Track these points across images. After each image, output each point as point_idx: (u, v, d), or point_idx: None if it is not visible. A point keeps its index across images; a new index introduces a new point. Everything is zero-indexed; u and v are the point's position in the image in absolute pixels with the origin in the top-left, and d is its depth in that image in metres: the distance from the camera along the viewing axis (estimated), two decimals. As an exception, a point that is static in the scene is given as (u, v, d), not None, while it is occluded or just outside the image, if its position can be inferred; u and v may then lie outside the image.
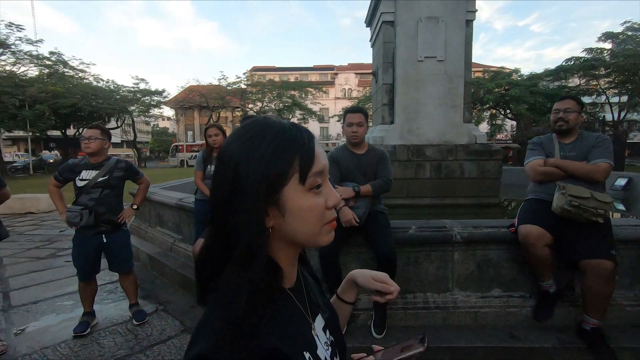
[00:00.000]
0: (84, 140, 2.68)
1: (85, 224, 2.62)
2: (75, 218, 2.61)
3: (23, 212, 8.20)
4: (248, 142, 0.52)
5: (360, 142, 2.56)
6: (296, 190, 0.51)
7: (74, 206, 2.66)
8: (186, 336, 2.69)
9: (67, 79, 24.34)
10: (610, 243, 2.13)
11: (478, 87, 20.97)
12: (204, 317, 0.51)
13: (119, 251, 2.84)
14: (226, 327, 0.46)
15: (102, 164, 2.74)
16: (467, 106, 5.48)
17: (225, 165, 0.52)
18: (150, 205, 4.80)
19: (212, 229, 0.54)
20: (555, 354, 2.19)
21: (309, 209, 0.52)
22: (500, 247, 2.50)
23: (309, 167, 0.52)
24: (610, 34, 18.73)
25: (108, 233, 2.76)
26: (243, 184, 0.49)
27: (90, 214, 2.63)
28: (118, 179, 2.79)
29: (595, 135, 2.40)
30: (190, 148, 32.43)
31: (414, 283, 2.55)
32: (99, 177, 2.69)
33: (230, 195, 0.50)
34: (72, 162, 2.77)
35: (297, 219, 0.52)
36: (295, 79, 40.07)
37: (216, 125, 3.41)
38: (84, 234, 2.70)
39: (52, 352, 2.48)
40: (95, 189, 2.68)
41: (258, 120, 0.55)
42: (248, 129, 0.53)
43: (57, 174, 2.74)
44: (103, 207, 2.70)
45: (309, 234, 0.54)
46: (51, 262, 4.57)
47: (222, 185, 0.51)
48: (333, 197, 0.56)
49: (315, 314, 0.62)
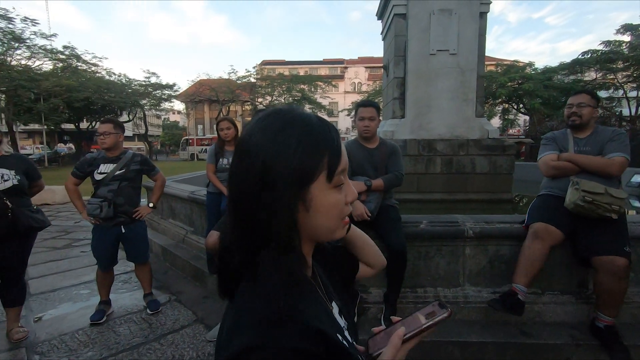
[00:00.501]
0: (99, 136, 2.74)
1: (105, 216, 2.69)
2: (95, 210, 2.68)
3: (39, 203, 8.41)
4: (277, 135, 0.51)
5: (372, 136, 2.56)
6: (323, 187, 0.52)
7: (94, 199, 2.72)
8: (198, 326, 2.75)
9: (80, 72, 24.73)
10: (624, 240, 2.09)
11: (491, 81, 20.63)
12: (241, 309, 0.51)
13: (137, 242, 2.93)
14: (273, 315, 0.47)
15: (119, 157, 2.81)
16: (480, 100, 5.41)
17: (251, 158, 0.51)
18: (162, 198, 4.87)
19: (237, 221, 0.54)
20: (567, 350, 2.17)
21: (334, 204, 0.54)
22: (513, 243, 2.48)
23: (336, 165, 0.53)
24: (629, 26, 18.18)
25: (126, 224, 2.83)
26: (275, 179, 0.49)
27: (110, 206, 2.70)
28: (135, 172, 2.86)
29: (611, 129, 2.35)
30: (200, 142, 32.70)
31: (424, 277, 2.55)
32: (116, 170, 2.76)
33: (261, 189, 0.50)
34: (90, 157, 2.83)
35: (321, 215, 0.53)
36: (304, 72, 39.96)
37: (228, 118, 3.43)
38: (103, 226, 2.77)
39: (70, 338, 2.56)
40: (114, 181, 2.75)
41: (283, 111, 0.54)
42: (273, 120, 0.53)
43: (76, 170, 2.78)
44: (122, 198, 2.77)
45: (329, 229, 0.55)
46: (67, 252, 4.69)
47: (248, 179, 0.51)
48: (351, 192, 0.57)
49: (330, 300, 0.64)
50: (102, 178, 2.73)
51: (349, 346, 0.55)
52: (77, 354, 2.37)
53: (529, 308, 2.42)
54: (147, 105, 30.36)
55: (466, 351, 2.21)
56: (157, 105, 30.89)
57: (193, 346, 2.46)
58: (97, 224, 2.77)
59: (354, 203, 2.34)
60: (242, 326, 0.48)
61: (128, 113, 30.18)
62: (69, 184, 2.81)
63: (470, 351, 2.21)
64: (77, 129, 28.17)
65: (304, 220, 0.53)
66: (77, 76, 23.83)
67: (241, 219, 0.53)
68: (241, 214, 0.52)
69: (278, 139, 0.50)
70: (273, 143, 0.50)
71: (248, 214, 0.52)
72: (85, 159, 2.84)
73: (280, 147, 0.50)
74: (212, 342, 2.50)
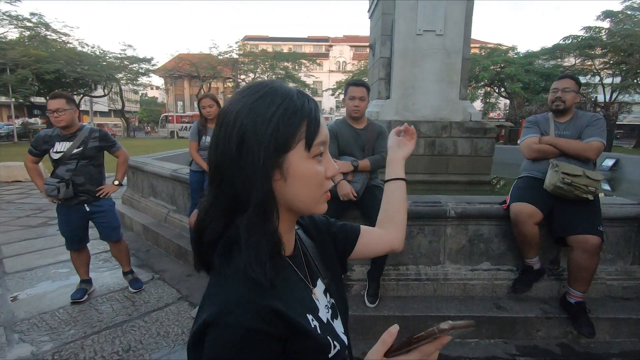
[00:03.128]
0: (52, 114, 2.50)
1: (64, 197, 2.57)
2: (52, 191, 2.55)
3: (10, 180, 8.06)
4: (256, 103, 0.52)
5: (361, 117, 2.55)
6: (301, 156, 0.53)
7: (51, 179, 2.59)
8: (183, 303, 2.75)
9: (49, 42, 23.30)
10: (598, 220, 2.20)
11: (474, 63, 20.73)
12: (210, 285, 0.52)
13: (105, 219, 2.80)
14: (234, 293, 0.48)
15: (74, 134, 2.62)
16: (464, 83, 5.45)
17: (229, 126, 0.51)
18: (143, 176, 4.76)
19: (213, 190, 0.54)
20: (538, 323, 2.31)
21: (312, 175, 0.54)
22: (492, 223, 2.57)
23: (314, 135, 0.53)
24: (609, 13, 18.47)
25: (89, 202, 2.71)
26: (251, 144, 0.50)
27: (68, 187, 2.57)
28: (94, 149, 2.68)
29: (590, 114, 2.43)
30: (180, 119, 31.77)
31: (406, 255, 2.62)
32: (73, 149, 2.59)
33: (238, 155, 0.50)
34: (45, 134, 2.63)
35: (299, 184, 0.54)
36: (288, 49, 38.96)
37: (210, 95, 3.34)
38: (66, 205, 2.66)
39: (51, 317, 2.53)
40: (71, 160, 2.60)
41: (265, 83, 0.55)
42: (255, 91, 0.53)
43: (32, 148, 2.62)
44: (81, 177, 2.64)
45: (308, 200, 0.56)
46: (43, 230, 4.55)
47: (227, 145, 0.51)
48: (332, 167, 0.58)
49: (315, 278, 0.64)
50: (59, 157, 2.58)
51: (321, 326, 0.56)
52: (59, 332, 2.34)
53: (504, 284, 2.55)
54: (124, 79, 29.06)
55: (445, 325, 2.31)
56: (134, 79, 29.60)
57: (178, 323, 2.48)
58: (60, 203, 2.66)
59: (340, 182, 2.36)
60: (206, 303, 0.50)
61: (103, 87, 28.85)
62: (27, 162, 2.68)
63: (448, 325, 2.31)
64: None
65: (281, 189, 0.53)
66: (47, 46, 22.45)
67: (219, 186, 0.53)
68: (219, 180, 0.53)
69: (256, 107, 0.51)
70: (250, 110, 0.51)
71: (226, 181, 0.52)
72: (39, 135, 2.63)
73: (258, 114, 0.51)
74: (197, 319, 2.51)
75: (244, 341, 0.45)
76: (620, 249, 2.58)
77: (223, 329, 0.46)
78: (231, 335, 0.45)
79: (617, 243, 2.57)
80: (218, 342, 0.46)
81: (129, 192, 5.21)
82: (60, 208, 2.69)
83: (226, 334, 0.46)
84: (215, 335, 0.46)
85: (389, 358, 0.49)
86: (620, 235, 2.56)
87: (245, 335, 0.45)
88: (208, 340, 0.46)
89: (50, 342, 2.24)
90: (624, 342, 2.28)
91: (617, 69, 18.48)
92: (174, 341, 2.28)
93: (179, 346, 2.23)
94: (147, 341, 2.27)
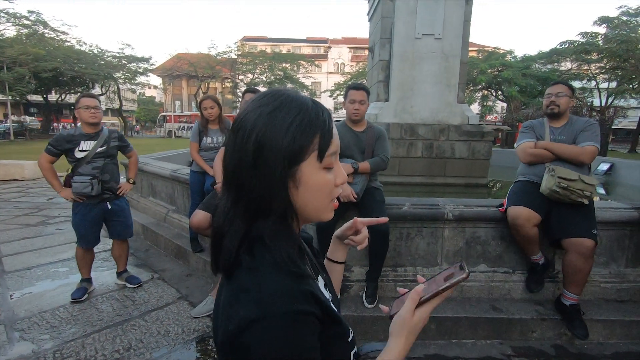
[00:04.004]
0: (89, 110, 2.63)
1: (96, 193, 2.67)
2: (86, 188, 2.62)
3: (7, 179, 8.03)
4: (273, 114, 0.53)
5: (361, 120, 2.59)
6: (313, 166, 0.55)
7: (80, 177, 2.64)
8: (182, 303, 2.77)
9: (47, 40, 23.22)
10: (592, 223, 2.25)
11: (472, 67, 20.87)
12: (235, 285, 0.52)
13: (123, 217, 2.92)
14: (269, 285, 0.50)
15: (97, 134, 2.75)
16: (462, 86, 5.50)
17: (245, 135, 0.53)
18: (142, 176, 4.77)
19: (232, 195, 0.55)
20: (533, 324, 2.35)
21: (322, 185, 0.56)
22: (489, 226, 2.61)
23: (327, 146, 0.55)
24: (605, 19, 18.67)
25: (111, 200, 2.83)
26: (267, 155, 0.52)
27: (99, 183, 2.68)
28: (115, 148, 2.87)
29: (584, 119, 2.49)
30: (178, 118, 31.69)
31: (404, 257, 2.66)
32: (98, 147, 2.71)
33: (254, 164, 0.52)
34: (67, 133, 2.69)
35: (310, 194, 0.56)
36: (287, 50, 39.07)
37: (211, 97, 3.36)
38: (87, 203, 2.72)
39: (51, 315, 2.54)
40: (97, 158, 2.72)
41: (281, 92, 0.57)
42: (270, 100, 0.55)
43: (52, 147, 2.63)
44: (107, 175, 2.77)
45: (317, 209, 0.58)
46: (42, 229, 4.55)
47: (243, 153, 0.53)
48: (341, 175, 0.60)
49: (317, 274, 0.68)
50: (84, 155, 2.67)
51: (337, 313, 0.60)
52: (59, 331, 2.36)
53: (501, 286, 2.59)
54: (122, 78, 28.97)
55: (442, 325, 2.35)
56: (132, 78, 29.53)
57: (178, 322, 2.49)
58: (82, 202, 2.72)
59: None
60: (242, 299, 0.49)
61: (101, 86, 28.74)
62: (43, 162, 2.67)
63: (445, 325, 2.35)
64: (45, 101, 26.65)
65: (294, 197, 0.55)
66: (44, 44, 22.36)
67: (238, 191, 0.55)
68: (238, 185, 0.54)
69: (272, 118, 0.53)
70: (267, 121, 0.53)
71: (246, 186, 0.54)
72: (61, 135, 2.69)
73: (274, 125, 0.52)
74: (198, 319, 2.54)
75: (298, 325, 0.48)
76: (614, 252, 2.63)
77: (273, 319, 0.47)
78: (283, 321, 0.47)
79: (611, 246, 2.62)
80: (273, 332, 0.46)
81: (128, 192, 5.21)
82: (80, 206, 2.73)
83: (278, 323, 0.47)
84: (267, 327, 0.46)
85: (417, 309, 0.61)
86: (614, 239, 2.61)
87: (296, 319, 0.48)
88: (258, 336, 0.46)
89: (51, 341, 2.25)
90: (617, 344, 2.32)
91: (612, 74, 18.70)
92: (174, 340, 2.29)
93: (179, 345, 2.25)
94: (147, 340, 2.28)
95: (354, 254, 2.64)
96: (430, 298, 0.60)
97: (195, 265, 3.35)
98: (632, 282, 2.59)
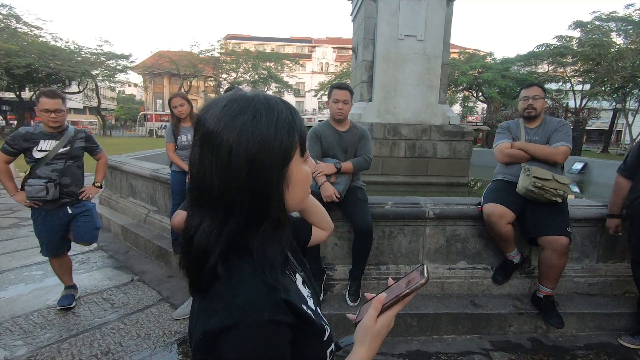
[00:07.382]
0: (48, 114, 2.36)
1: (52, 198, 2.41)
2: (39, 192, 2.37)
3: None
4: (253, 122, 0.51)
5: (344, 119, 2.60)
6: (298, 162, 0.57)
7: (35, 180, 2.41)
8: (164, 305, 2.73)
9: (20, 36, 22.27)
10: (567, 221, 2.34)
11: (453, 68, 21.27)
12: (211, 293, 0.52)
13: (89, 219, 2.65)
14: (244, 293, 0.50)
15: (61, 133, 2.50)
16: (443, 87, 5.60)
17: (232, 152, 0.50)
18: (121, 176, 4.66)
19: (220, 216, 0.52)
20: (511, 319, 2.42)
21: (306, 177, 0.59)
22: (468, 224, 2.67)
23: (304, 140, 0.57)
24: (579, 23, 19.36)
25: (72, 205, 2.58)
26: (259, 167, 0.51)
27: (56, 187, 2.42)
28: (80, 149, 2.60)
29: (557, 120, 2.58)
30: (159, 117, 31.11)
31: (387, 255, 2.69)
32: (59, 148, 2.47)
33: (247, 179, 0.50)
34: (25, 131, 2.44)
35: (297, 188, 0.57)
36: (271, 49, 38.78)
37: (180, 94, 3.30)
38: (46, 208, 2.49)
39: (25, 320, 2.45)
40: (58, 160, 2.47)
41: (244, 97, 0.54)
42: (242, 107, 0.52)
43: (7, 146, 2.39)
44: (67, 178, 2.52)
45: (299, 200, 0.60)
46: (15, 231, 4.38)
47: (233, 172, 0.50)
48: (311, 163, 0.63)
49: (294, 272, 0.68)
50: (43, 156, 2.42)
51: (313, 314, 0.60)
52: (33, 336, 2.28)
53: (480, 282, 2.65)
54: (100, 76, 28.13)
55: (423, 321, 2.40)
56: (111, 76, 28.67)
57: (159, 324, 2.45)
58: (39, 207, 2.48)
59: (323, 184, 2.40)
60: (214, 308, 0.49)
61: (78, 84, 27.83)
62: None
63: (426, 321, 2.40)
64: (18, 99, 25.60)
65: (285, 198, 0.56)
66: (17, 39, 21.46)
67: (229, 211, 0.52)
68: (229, 206, 0.52)
69: (255, 127, 0.51)
70: (253, 132, 0.50)
71: (238, 205, 0.52)
72: (19, 133, 2.43)
73: (261, 135, 0.51)
74: (179, 321, 2.50)
75: (269, 334, 0.48)
76: (587, 247, 2.73)
77: (247, 327, 0.47)
78: (256, 330, 0.47)
79: (583, 242, 2.72)
80: (244, 340, 0.47)
81: (106, 193, 5.08)
82: (39, 212, 2.50)
83: (251, 332, 0.47)
84: (238, 335, 0.47)
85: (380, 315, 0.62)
86: (587, 235, 2.72)
87: (270, 329, 0.48)
88: (229, 343, 0.47)
89: (25, 347, 2.17)
90: (589, 336, 2.42)
91: (586, 77, 19.37)
92: (155, 343, 2.25)
93: (160, 348, 2.21)
94: (127, 343, 2.23)
95: (338, 253, 2.66)
96: (392, 305, 0.62)
97: (177, 267, 3.29)
98: (603, 276, 2.70)
